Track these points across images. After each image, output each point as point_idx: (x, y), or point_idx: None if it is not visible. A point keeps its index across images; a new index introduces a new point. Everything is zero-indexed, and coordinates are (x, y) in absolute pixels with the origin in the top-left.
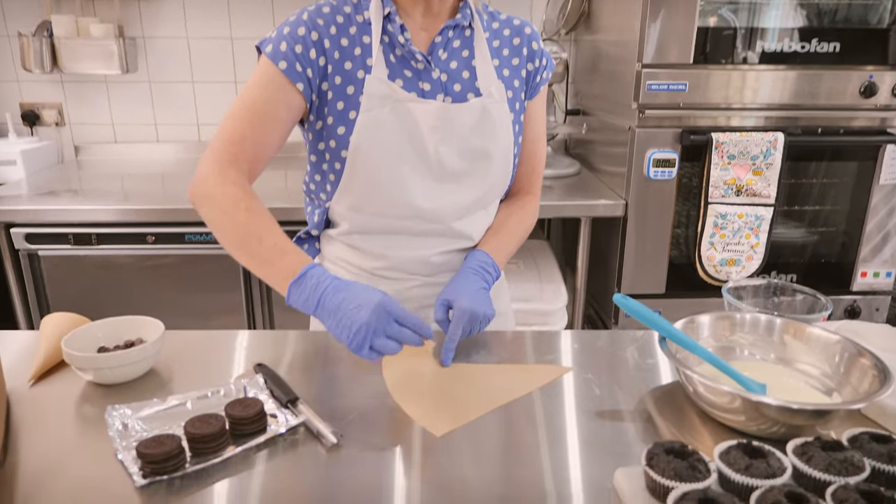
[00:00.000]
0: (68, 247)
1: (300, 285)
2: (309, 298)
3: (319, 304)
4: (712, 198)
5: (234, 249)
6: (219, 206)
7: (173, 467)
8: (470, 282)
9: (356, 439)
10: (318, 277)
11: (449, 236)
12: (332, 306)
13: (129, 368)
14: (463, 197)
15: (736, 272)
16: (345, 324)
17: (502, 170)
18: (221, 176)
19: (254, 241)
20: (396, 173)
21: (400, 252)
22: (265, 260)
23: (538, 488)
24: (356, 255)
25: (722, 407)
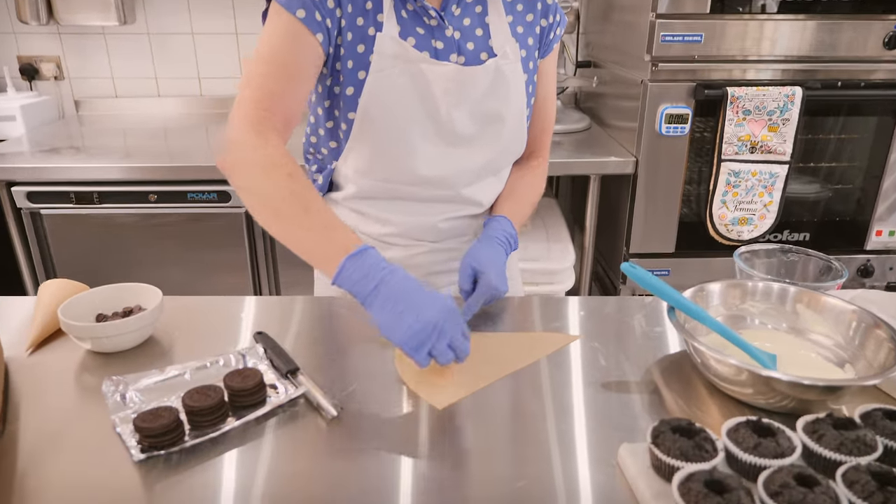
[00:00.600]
0: (70, 206)
1: (358, 261)
2: (367, 277)
3: (378, 288)
4: (725, 155)
5: (272, 218)
6: (259, 170)
7: (171, 441)
8: (498, 254)
9: (357, 412)
10: (378, 258)
11: (458, 202)
12: (397, 293)
13: (128, 337)
14: (473, 162)
15: (748, 231)
16: (410, 317)
17: (515, 133)
18: (259, 138)
19: (299, 208)
20: (406, 138)
21: (407, 218)
22: (312, 230)
23: (542, 463)
24: (362, 220)
25: (730, 379)
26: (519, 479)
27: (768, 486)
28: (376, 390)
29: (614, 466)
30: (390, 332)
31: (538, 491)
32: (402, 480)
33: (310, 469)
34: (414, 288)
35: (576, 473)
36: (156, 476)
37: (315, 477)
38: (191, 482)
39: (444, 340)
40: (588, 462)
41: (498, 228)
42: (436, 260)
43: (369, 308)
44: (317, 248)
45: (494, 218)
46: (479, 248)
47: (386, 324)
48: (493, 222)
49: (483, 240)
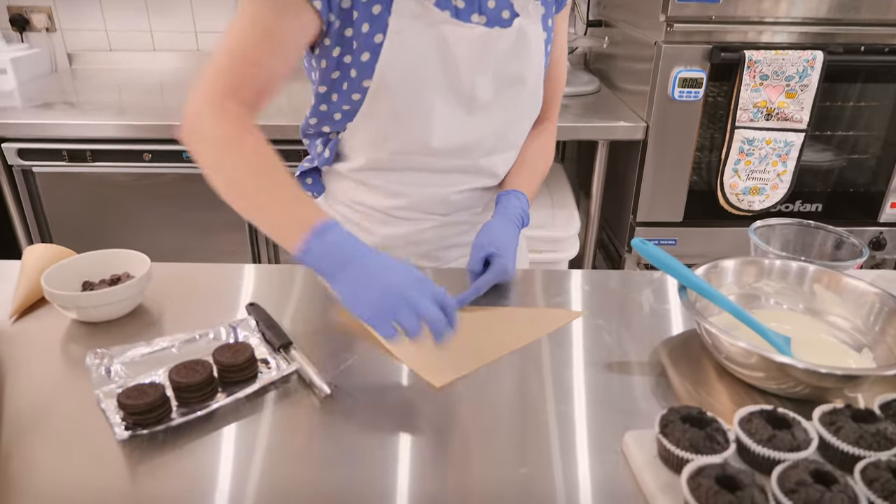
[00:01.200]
0: (63, 163)
1: (323, 237)
2: (331, 255)
3: (342, 264)
4: (740, 122)
5: (234, 197)
6: (215, 147)
7: (156, 419)
8: (513, 235)
9: (352, 390)
10: (343, 233)
11: (473, 173)
12: (361, 265)
13: (115, 307)
14: (491, 129)
15: (759, 202)
16: (372, 286)
17: (533, 96)
18: (218, 110)
19: (261, 186)
20: (424, 106)
21: (418, 190)
22: (275, 207)
23: (542, 449)
24: (368, 193)
25: (742, 363)
26: (520, 465)
27: (783, 482)
28: (373, 367)
29: (618, 454)
30: (352, 304)
31: (538, 478)
32: (399, 464)
33: (302, 450)
34: (379, 260)
35: (577, 461)
36: (140, 456)
37: (307, 458)
38: (177, 463)
39: (410, 309)
40: (589, 448)
41: (515, 206)
42: (445, 234)
43: (332, 282)
44: (280, 225)
45: (511, 193)
46: (495, 227)
47: (347, 294)
48: (510, 198)
49: (499, 218)
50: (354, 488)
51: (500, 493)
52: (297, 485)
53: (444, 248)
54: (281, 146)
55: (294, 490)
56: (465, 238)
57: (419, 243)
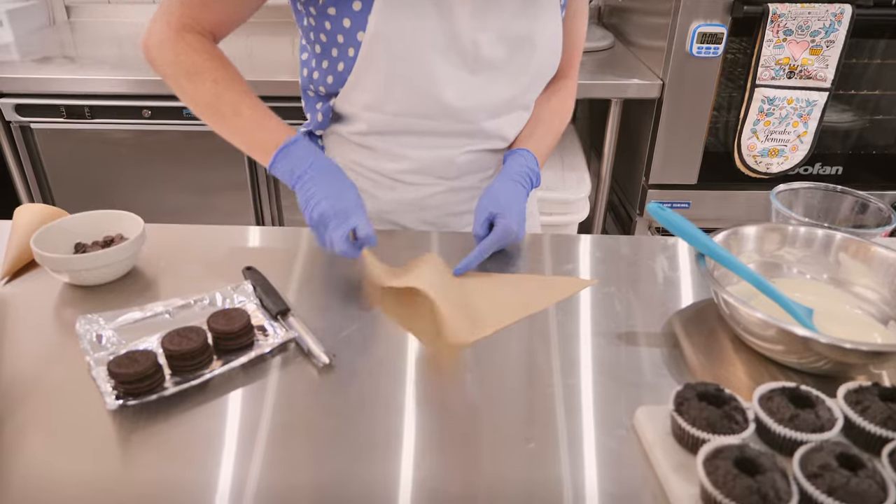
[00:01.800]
0: (61, 120)
1: (289, 153)
2: (294, 168)
3: (302, 175)
4: (761, 80)
5: (203, 117)
6: (181, 77)
7: (148, 388)
8: (518, 194)
9: (351, 359)
10: (307, 148)
11: (479, 137)
12: (315, 177)
13: (108, 269)
14: (499, 92)
15: (777, 164)
16: (319, 198)
17: (547, 58)
18: (177, 43)
19: (227, 112)
20: (423, 65)
21: (422, 153)
22: (244, 131)
23: (549, 425)
24: (371, 156)
25: (761, 336)
26: (526, 440)
27: (806, 465)
28: (374, 335)
29: (628, 430)
30: (303, 210)
31: (544, 455)
32: (399, 439)
33: (297, 422)
34: (331, 174)
35: (584, 437)
36: (131, 425)
37: (304, 431)
38: (170, 433)
39: (343, 226)
40: (598, 424)
41: (520, 164)
42: (453, 200)
43: (295, 190)
44: (251, 146)
45: (516, 152)
46: (497, 188)
47: (301, 203)
48: (515, 157)
49: (502, 178)
50: (353, 463)
51: (505, 470)
52: (294, 457)
53: (452, 215)
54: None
55: (290, 462)
56: (472, 204)
57: (426, 209)
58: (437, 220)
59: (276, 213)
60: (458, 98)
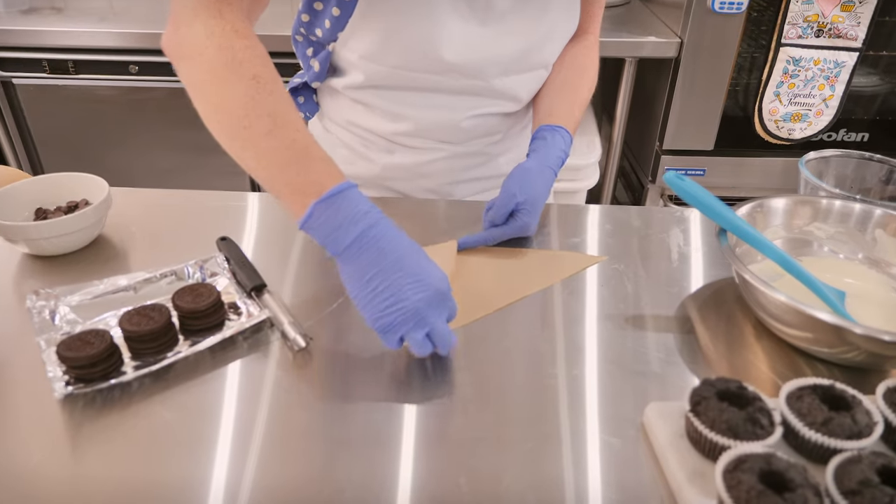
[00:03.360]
0: (44, 75)
1: (333, 205)
2: (341, 229)
3: (354, 245)
4: (787, 38)
5: (225, 133)
6: (210, 66)
7: (102, 373)
8: (546, 186)
9: (331, 342)
10: (358, 201)
11: (488, 96)
12: (375, 259)
13: (69, 238)
14: (511, 47)
15: (800, 129)
16: (386, 298)
17: (564, 10)
18: (214, 20)
19: (262, 127)
20: (427, 12)
21: (424, 113)
22: (276, 155)
23: (550, 421)
24: (368, 115)
25: (786, 321)
26: (524, 440)
27: (842, 480)
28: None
29: (637, 429)
30: (360, 306)
31: (544, 457)
32: (382, 435)
33: (269, 415)
34: (406, 257)
35: (587, 435)
36: (82, 416)
37: (276, 425)
38: (125, 425)
39: (421, 330)
40: (602, 420)
41: (559, 148)
42: (456, 167)
43: (341, 265)
44: (279, 178)
45: (558, 131)
46: (532, 175)
47: (357, 295)
48: (555, 138)
49: (539, 164)
50: (327, 462)
51: (500, 471)
52: (263, 455)
53: (454, 183)
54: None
55: (258, 459)
56: (478, 172)
57: (426, 176)
58: (438, 188)
59: None
60: (466, 51)
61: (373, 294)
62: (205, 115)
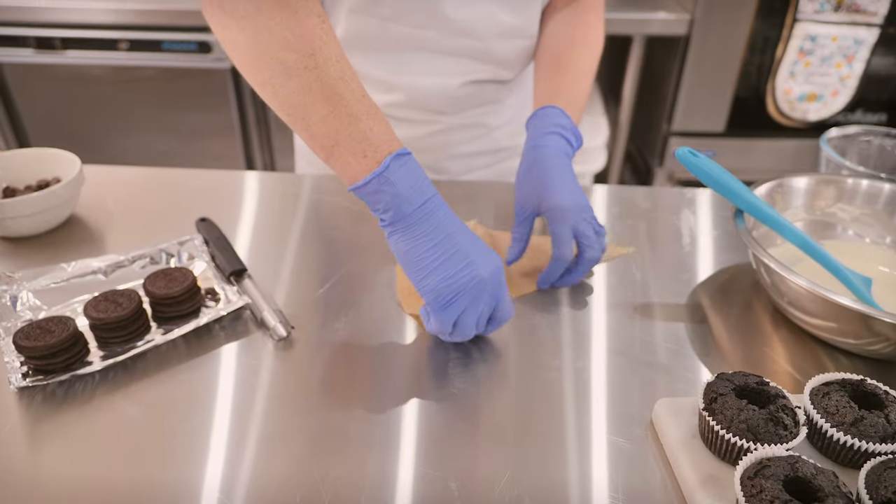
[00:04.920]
0: (31, 52)
1: (407, 164)
2: (415, 189)
3: (427, 207)
4: (803, 14)
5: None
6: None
7: (64, 364)
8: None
9: (316, 332)
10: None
11: (484, 61)
12: (447, 227)
13: (38, 219)
14: (513, 3)
15: (815, 110)
16: (458, 262)
17: None
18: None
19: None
20: None
21: (416, 79)
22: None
23: (551, 417)
24: None
25: (808, 310)
26: (521, 437)
27: (876, 488)
28: (346, 302)
29: (645, 427)
30: (423, 274)
31: (544, 457)
32: (367, 434)
33: (241, 409)
34: (465, 229)
35: (591, 433)
36: (40, 410)
37: (248, 420)
38: (86, 420)
39: (479, 307)
40: (607, 417)
41: (558, 138)
42: (452, 140)
43: (398, 232)
44: (346, 130)
45: (553, 114)
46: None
47: (421, 258)
48: (553, 129)
49: (563, 174)
50: (305, 464)
51: (495, 474)
52: (236, 454)
53: (451, 158)
54: None
55: (231, 459)
56: (474, 146)
57: (421, 151)
58: (435, 165)
59: (267, 159)
60: (462, 6)
61: (442, 257)
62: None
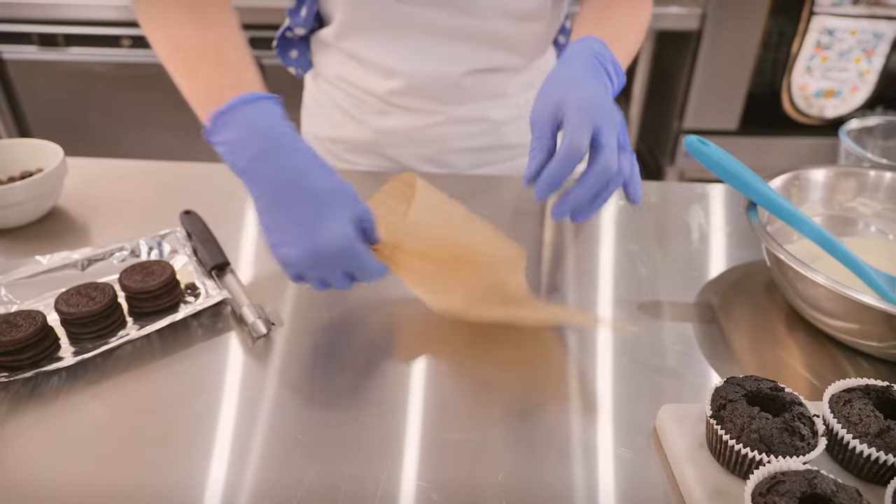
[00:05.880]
0: (34, 48)
1: (242, 110)
2: (245, 139)
3: (256, 161)
4: (820, 6)
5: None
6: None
7: (31, 361)
8: (592, 80)
9: (297, 330)
10: (271, 113)
11: (489, 45)
12: (281, 183)
13: (19, 210)
14: None
15: (832, 107)
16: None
17: None
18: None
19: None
20: None
21: (417, 66)
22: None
23: (546, 421)
24: (359, 70)
25: (827, 310)
26: (515, 445)
27: None
28: (330, 298)
29: (648, 435)
30: (273, 242)
31: (536, 467)
32: (346, 437)
33: (213, 410)
34: (306, 180)
35: (591, 441)
36: (6, 410)
37: (220, 421)
38: (53, 420)
39: (338, 269)
40: (606, 423)
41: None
42: (453, 133)
43: (250, 188)
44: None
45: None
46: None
47: (268, 225)
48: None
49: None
50: (281, 469)
51: (482, 484)
52: (200, 461)
53: (453, 153)
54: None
55: (195, 467)
56: (480, 141)
57: (422, 143)
58: (436, 157)
59: None
60: None
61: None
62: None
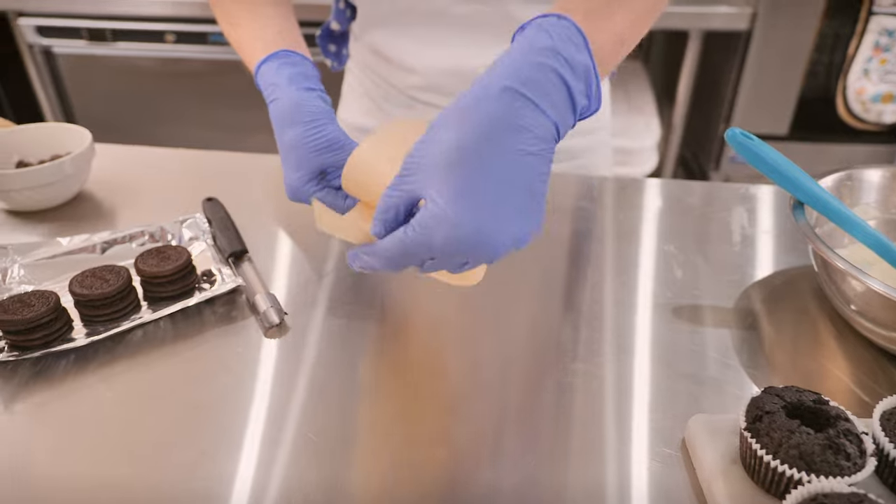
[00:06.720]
0: (84, 43)
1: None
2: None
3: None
4: (879, 6)
5: None
6: None
7: (42, 341)
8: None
9: (311, 321)
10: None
11: (506, 31)
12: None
13: (47, 191)
14: None
15: (890, 112)
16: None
17: None
18: None
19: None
20: None
21: (433, 61)
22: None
23: (564, 428)
24: (385, 66)
25: (881, 320)
26: (525, 452)
27: None
28: (348, 286)
29: (677, 447)
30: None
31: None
32: (342, 435)
33: (219, 399)
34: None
35: (607, 452)
36: (15, 390)
37: (225, 412)
38: (60, 402)
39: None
40: (629, 433)
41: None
42: None
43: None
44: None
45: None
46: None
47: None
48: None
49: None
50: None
51: (489, 498)
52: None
53: None
54: None
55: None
56: None
57: None
58: None
59: None
60: None
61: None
62: None
